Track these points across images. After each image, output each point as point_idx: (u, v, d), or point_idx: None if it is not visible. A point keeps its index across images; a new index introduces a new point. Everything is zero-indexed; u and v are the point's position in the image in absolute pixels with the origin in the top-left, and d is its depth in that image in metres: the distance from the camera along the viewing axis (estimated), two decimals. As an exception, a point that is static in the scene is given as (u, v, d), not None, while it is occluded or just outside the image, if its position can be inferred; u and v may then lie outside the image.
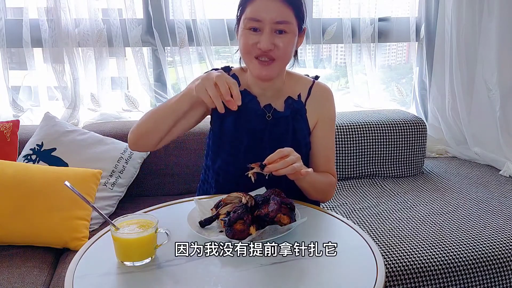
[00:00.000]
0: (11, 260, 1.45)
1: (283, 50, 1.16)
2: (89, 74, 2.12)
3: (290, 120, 1.27)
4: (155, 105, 2.22)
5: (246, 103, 1.27)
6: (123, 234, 0.91)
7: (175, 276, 0.89)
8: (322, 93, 1.31)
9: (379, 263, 0.92)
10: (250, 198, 1.06)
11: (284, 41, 1.15)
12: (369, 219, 1.75)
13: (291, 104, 1.28)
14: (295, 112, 1.28)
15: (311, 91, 1.30)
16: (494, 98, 2.32)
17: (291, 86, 1.30)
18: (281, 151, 1.05)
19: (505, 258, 1.54)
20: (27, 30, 2.00)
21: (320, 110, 1.30)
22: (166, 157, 1.92)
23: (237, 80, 1.28)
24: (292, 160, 1.04)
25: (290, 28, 1.15)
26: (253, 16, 1.13)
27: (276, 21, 1.13)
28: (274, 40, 1.14)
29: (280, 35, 1.15)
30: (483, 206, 1.87)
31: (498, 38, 2.26)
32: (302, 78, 1.34)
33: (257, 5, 1.14)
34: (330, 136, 1.32)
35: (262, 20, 1.13)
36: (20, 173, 1.56)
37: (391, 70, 2.64)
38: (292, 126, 1.27)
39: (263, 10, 1.13)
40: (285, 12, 1.14)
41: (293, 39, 1.18)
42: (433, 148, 2.54)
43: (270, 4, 1.13)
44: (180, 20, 2.12)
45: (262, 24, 1.13)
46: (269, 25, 1.13)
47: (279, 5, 1.13)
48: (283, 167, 1.03)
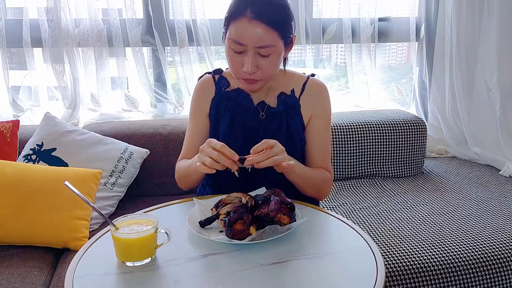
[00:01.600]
0: (11, 260, 1.45)
1: (266, 72, 1.16)
2: (89, 74, 2.12)
3: (284, 116, 1.27)
4: (155, 105, 2.23)
5: (239, 101, 1.28)
6: (123, 234, 0.91)
7: (175, 276, 0.89)
8: (317, 89, 1.31)
9: (379, 263, 0.92)
10: (250, 198, 1.06)
11: (268, 63, 1.15)
12: (369, 219, 1.75)
13: (284, 99, 1.28)
14: (289, 108, 1.28)
15: (305, 86, 1.30)
16: (494, 98, 2.32)
17: (284, 83, 1.31)
18: (266, 141, 1.05)
19: (505, 258, 1.54)
20: (27, 30, 2.00)
21: (315, 105, 1.30)
22: (166, 157, 1.92)
23: (227, 82, 1.31)
24: (274, 153, 1.04)
25: (274, 50, 1.13)
26: (236, 39, 1.12)
27: (258, 46, 1.11)
28: (258, 62, 1.14)
29: (264, 57, 1.13)
30: (483, 206, 1.87)
31: (498, 38, 2.26)
32: (296, 74, 1.34)
33: (240, 27, 1.11)
34: (325, 132, 1.32)
35: (245, 44, 1.11)
36: (20, 173, 1.56)
37: (391, 70, 2.64)
38: (285, 122, 1.27)
39: (246, 34, 1.10)
40: (268, 36, 1.10)
41: (278, 58, 1.17)
42: (433, 148, 2.54)
43: (253, 29, 1.09)
44: (180, 20, 2.12)
45: (245, 47, 1.12)
46: (252, 49, 1.11)
47: (262, 29, 1.10)
48: (263, 160, 1.03)
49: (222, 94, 1.30)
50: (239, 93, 1.28)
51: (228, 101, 1.29)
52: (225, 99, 1.30)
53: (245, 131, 1.27)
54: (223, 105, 1.29)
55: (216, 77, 1.33)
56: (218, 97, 1.31)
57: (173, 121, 2.05)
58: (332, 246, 1.01)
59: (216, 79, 1.33)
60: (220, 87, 1.31)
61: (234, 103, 1.29)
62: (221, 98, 1.30)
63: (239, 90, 1.29)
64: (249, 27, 1.10)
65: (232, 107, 1.28)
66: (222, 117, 1.29)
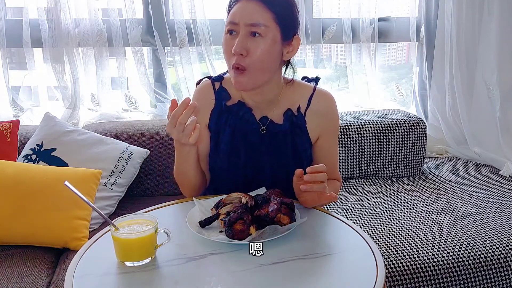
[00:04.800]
0: (11, 260, 1.45)
1: (255, 56, 1.09)
2: (89, 74, 2.12)
3: (289, 134, 1.22)
4: (155, 105, 2.23)
5: (241, 116, 1.22)
6: (123, 234, 0.91)
7: (175, 276, 0.89)
8: (323, 105, 1.24)
9: (379, 263, 0.92)
10: (250, 198, 1.06)
11: (258, 45, 1.08)
12: (369, 219, 1.75)
13: (290, 116, 1.22)
14: (295, 126, 1.22)
15: (311, 101, 1.23)
16: (494, 98, 2.32)
17: (288, 96, 1.24)
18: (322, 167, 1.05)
19: (505, 258, 1.54)
20: (27, 30, 1.99)
21: (323, 124, 1.24)
22: (166, 157, 1.92)
23: (227, 93, 1.24)
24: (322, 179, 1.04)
25: (266, 31, 1.08)
26: (230, 19, 1.10)
27: (249, 23, 1.08)
28: (248, 45, 1.08)
29: (254, 37, 1.08)
30: (483, 206, 1.87)
31: (498, 38, 2.26)
32: (301, 86, 1.26)
33: (236, 7, 1.10)
34: (334, 145, 1.30)
35: (238, 22, 1.09)
36: (20, 173, 1.56)
37: (391, 70, 2.64)
38: (291, 140, 1.22)
39: (240, 11, 1.09)
40: (260, 14, 1.08)
41: (271, 46, 1.10)
42: (433, 148, 2.54)
43: (247, 6, 1.08)
44: (180, 20, 2.12)
45: (238, 27, 1.09)
46: (244, 28, 1.08)
47: (255, 7, 1.08)
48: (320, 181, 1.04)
49: (222, 107, 1.24)
50: (240, 107, 1.22)
51: (228, 115, 1.23)
52: (225, 112, 1.23)
53: (247, 147, 1.22)
54: (223, 119, 1.23)
55: (217, 86, 1.26)
56: (218, 110, 1.24)
57: (173, 121, 2.05)
58: (332, 246, 1.01)
59: (216, 88, 1.26)
60: (220, 100, 1.24)
61: (235, 117, 1.22)
62: (221, 111, 1.24)
63: (240, 103, 1.23)
64: (245, 5, 1.09)
65: (232, 122, 1.23)
66: (223, 132, 1.23)
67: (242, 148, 1.22)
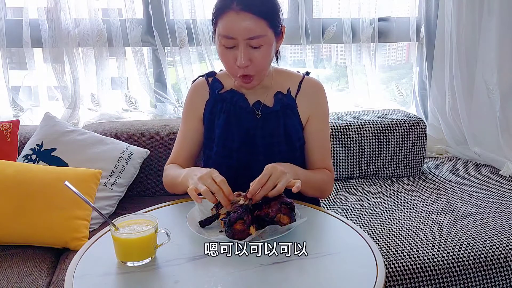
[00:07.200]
0: (11, 260, 1.45)
1: (260, 64, 1.15)
2: (89, 74, 2.12)
3: (281, 115, 1.26)
4: (155, 105, 2.23)
5: (235, 102, 1.27)
6: (123, 234, 0.91)
7: (175, 276, 0.89)
8: (313, 88, 1.30)
9: (379, 263, 0.92)
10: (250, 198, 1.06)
11: (261, 55, 1.13)
12: (369, 219, 1.75)
13: (281, 98, 1.27)
14: (286, 107, 1.27)
15: (301, 85, 1.29)
16: (494, 98, 2.32)
17: (280, 82, 1.30)
18: (260, 180, 1.02)
19: (505, 258, 1.54)
20: (27, 30, 1.99)
21: (312, 105, 1.29)
22: (166, 157, 1.89)
23: (221, 84, 1.30)
24: (273, 182, 1.02)
25: (265, 40, 1.12)
26: (226, 34, 1.11)
27: (249, 37, 1.10)
28: (250, 55, 1.12)
29: (256, 49, 1.12)
30: (483, 206, 1.87)
31: (498, 38, 2.26)
32: (291, 73, 1.33)
33: (229, 21, 1.10)
34: (324, 132, 1.31)
35: (235, 37, 1.10)
36: (20, 173, 1.56)
37: (391, 70, 2.64)
38: (283, 121, 1.26)
39: (235, 26, 1.09)
40: (258, 26, 1.10)
41: (270, 49, 1.15)
42: (433, 148, 2.54)
43: (242, 21, 1.09)
44: (180, 20, 2.12)
45: (236, 41, 1.11)
46: (242, 42, 1.11)
47: (251, 20, 1.09)
48: (268, 191, 1.02)
49: (216, 96, 1.29)
50: (233, 94, 1.28)
51: (222, 103, 1.28)
52: (219, 101, 1.29)
53: (242, 132, 1.26)
54: (218, 107, 1.29)
55: (210, 80, 1.32)
56: (212, 100, 1.30)
57: (173, 121, 2.05)
58: (332, 246, 1.02)
59: (209, 82, 1.32)
60: (214, 89, 1.30)
61: (229, 104, 1.28)
62: (216, 100, 1.29)
63: (233, 91, 1.28)
64: (238, 19, 1.09)
65: (227, 108, 1.27)
66: (217, 118, 1.28)
67: (236, 132, 1.26)
